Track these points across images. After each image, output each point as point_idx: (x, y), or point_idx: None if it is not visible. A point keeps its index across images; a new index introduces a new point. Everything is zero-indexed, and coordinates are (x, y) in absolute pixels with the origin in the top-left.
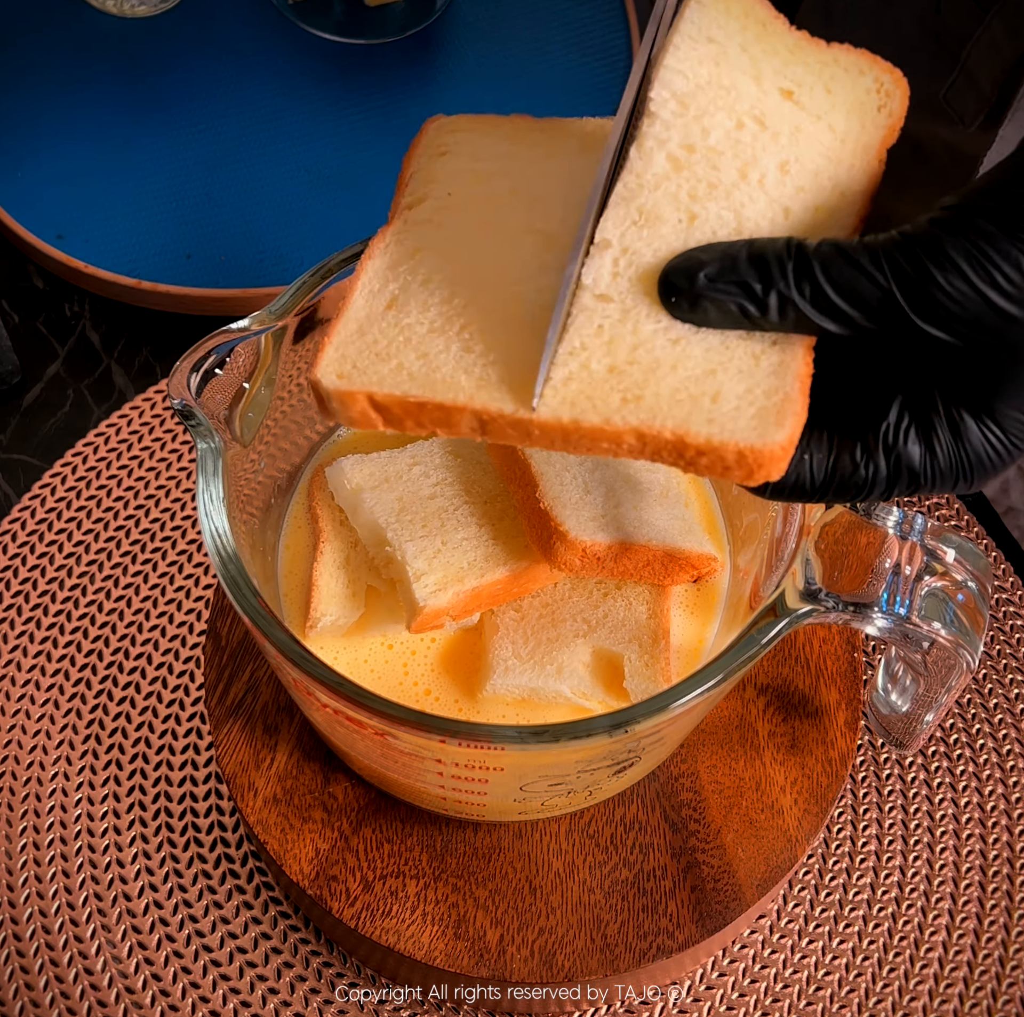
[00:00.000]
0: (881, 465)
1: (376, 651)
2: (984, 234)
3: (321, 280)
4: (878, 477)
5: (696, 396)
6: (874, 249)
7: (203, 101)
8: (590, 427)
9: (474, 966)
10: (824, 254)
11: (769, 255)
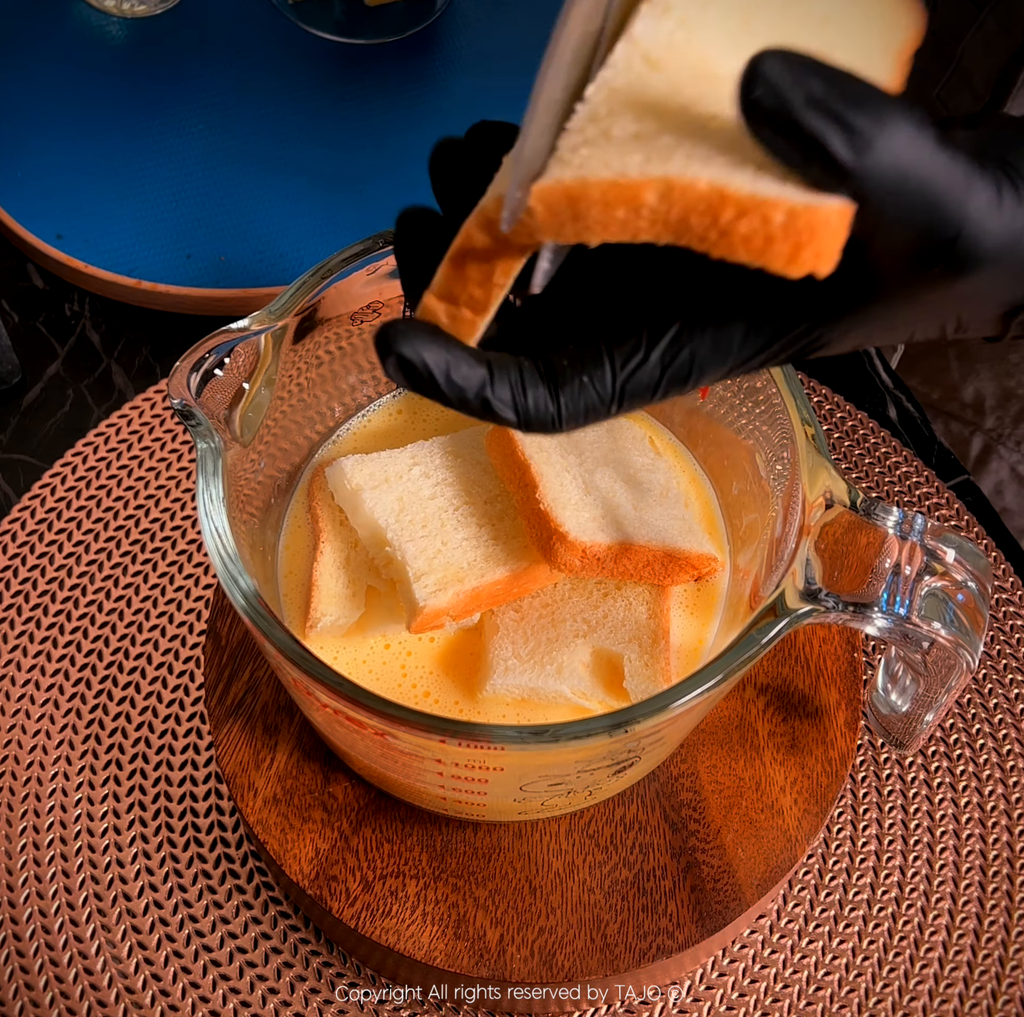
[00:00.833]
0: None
1: (375, 651)
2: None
3: (321, 280)
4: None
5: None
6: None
7: (203, 101)
8: (601, 184)
9: (474, 966)
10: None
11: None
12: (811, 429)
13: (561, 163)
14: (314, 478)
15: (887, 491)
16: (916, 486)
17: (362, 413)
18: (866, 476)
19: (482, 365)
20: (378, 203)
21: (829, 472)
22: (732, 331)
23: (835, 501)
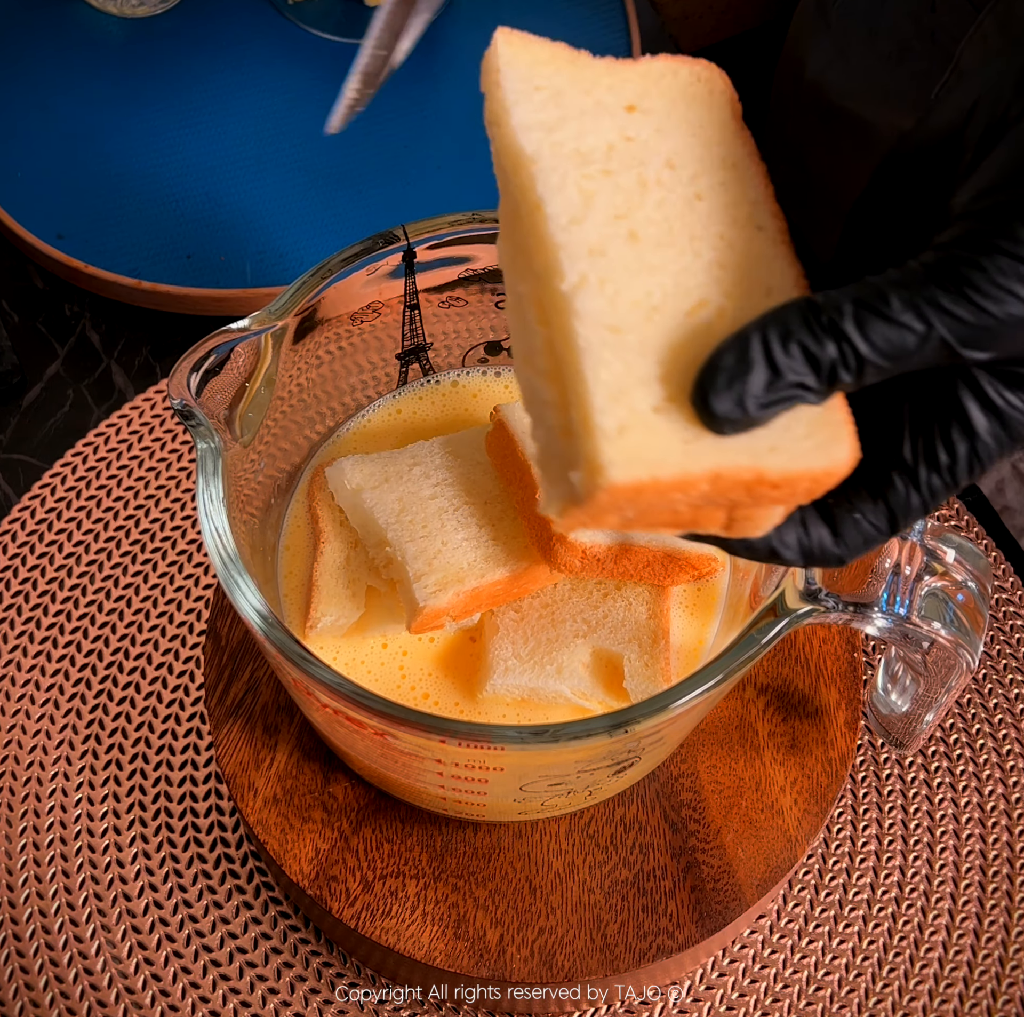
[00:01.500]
0: (935, 484)
1: (374, 652)
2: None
3: (321, 280)
4: (936, 495)
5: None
6: (907, 296)
7: (203, 101)
8: (667, 481)
9: (474, 966)
10: (859, 321)
11: (808, 343)
12: None
13: (610, 443)
14: (314, 478)
15: None
16: None
17: (362, 413)
18: None
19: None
20: (378, 203)
21: None
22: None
23: None
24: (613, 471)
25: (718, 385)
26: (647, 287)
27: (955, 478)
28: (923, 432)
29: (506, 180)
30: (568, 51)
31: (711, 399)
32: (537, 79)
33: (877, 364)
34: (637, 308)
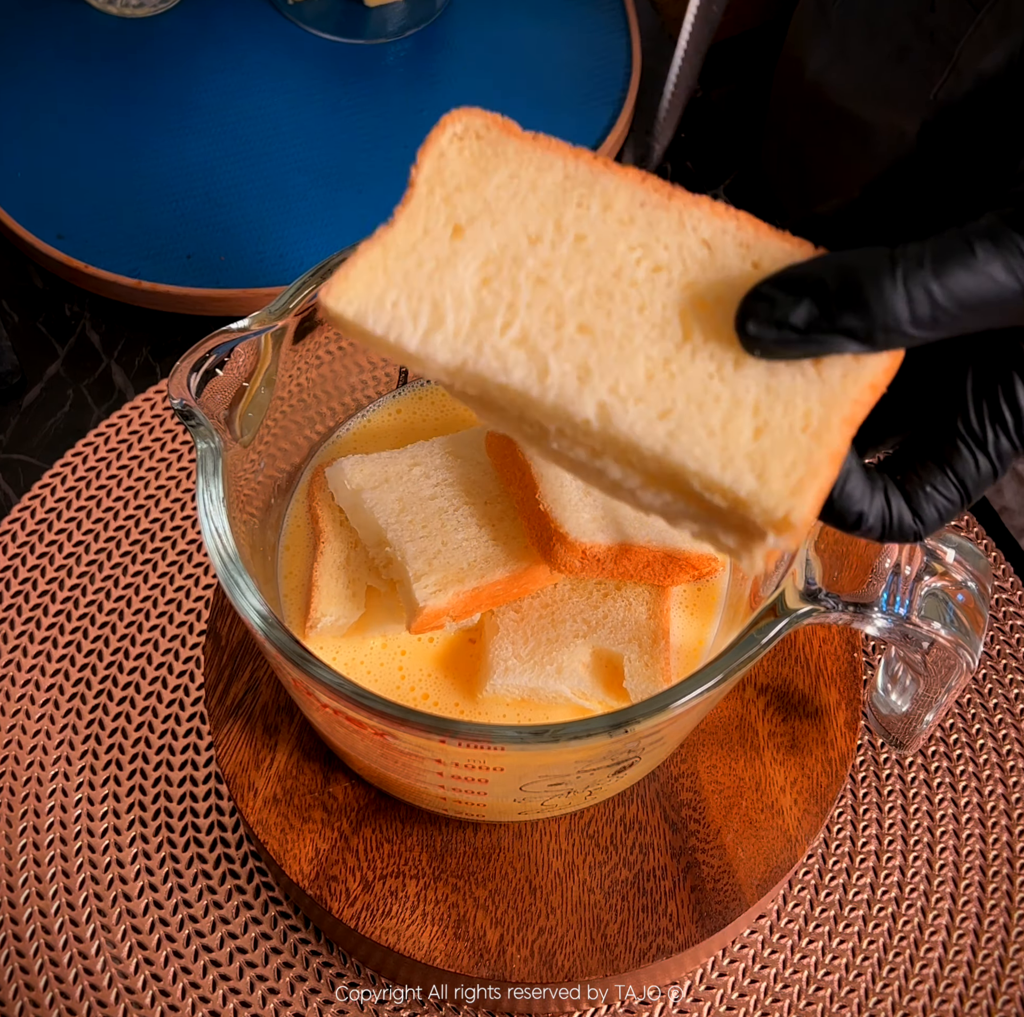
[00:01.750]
0: (1003, 447)
1: (374, 652)
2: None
3: (321, 280)
4: (1004, 459)
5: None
6: (996, 251)
7: (203, 101)
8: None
9: (474, 966)
10: (938, 268)
11: (869, 288)
12: None
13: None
14: (314, 478)
15: None
16: None
17: (362, 413)
18: None
19: (867, 480)
20: (378, 203)
21: None
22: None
23: None
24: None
25: (759, 310)
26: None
27: (1022, 437)
28: (987, 395)
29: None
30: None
31: (749, 322)
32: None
33: (954, 314)
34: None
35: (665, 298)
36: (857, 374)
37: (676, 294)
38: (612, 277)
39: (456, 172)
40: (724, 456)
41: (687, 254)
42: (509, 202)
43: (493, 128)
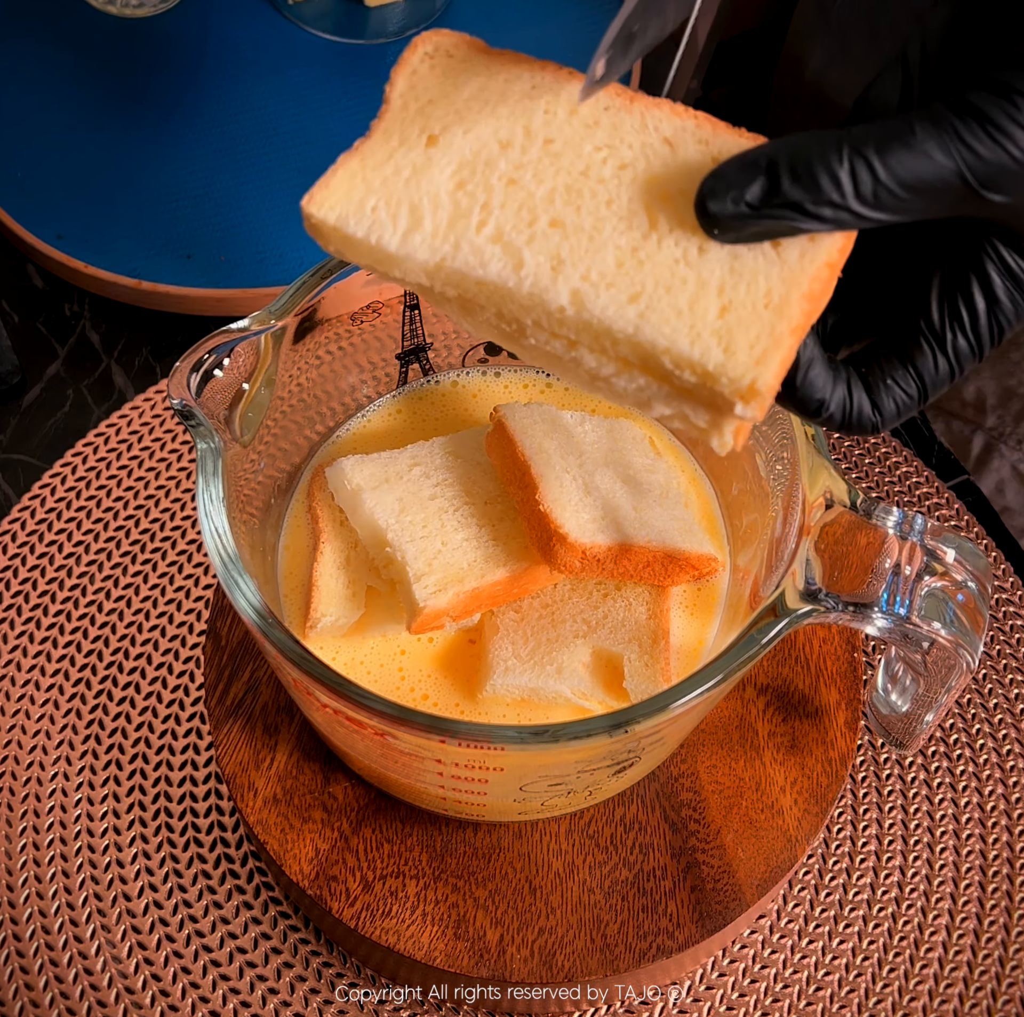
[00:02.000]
0: (959, 345)
1: (374, 652)
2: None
3: (321, 280)
4: (961, 358)
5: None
6: (934, 130)
7: (203, 101)
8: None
9: (474, 966)
10: (880, 146)
11: (817, 164)
12: (811, 429)
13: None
14: (314, 478)
15: (887, 491)
16: (916, 486)
17: (362, 413)
18: (866, 476)
19: (830, 369)
20: None
21: (829, 472)
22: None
23: (835, 501)
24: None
25: (716, 190)
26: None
27: (978, 339)
28: (947, 296)
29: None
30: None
31: (708, 202)
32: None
33: (895, 193)
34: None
35: (631, 192)
36: (814, 253)
37: (641, 188)
38: (580, 175)
39: (429, 87)
40: (692, 333)
41: (650, 151)
42: (480, 111)
43: (462, 46)
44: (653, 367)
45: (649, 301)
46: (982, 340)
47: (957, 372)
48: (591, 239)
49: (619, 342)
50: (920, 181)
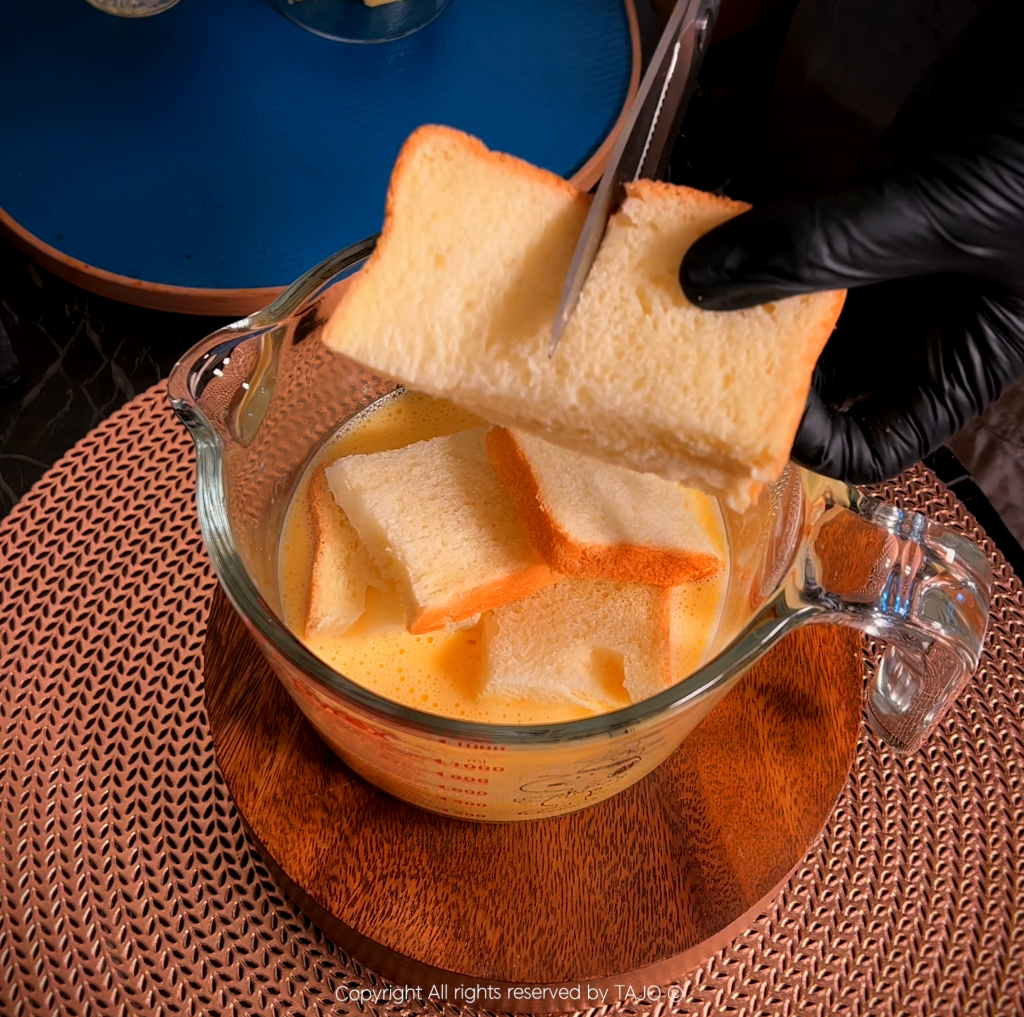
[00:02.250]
0: (957, 396)
1: (374, 652)
2: (1000, 146)
3: (321, 280)
4: (960, 408)
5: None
6: (902, 190)
7: (203, 101)
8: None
9: (474, 966)
10: (852, 208)
11: (792, 228)
12: None
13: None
14: (314, 478)
15: (887, 491)
16: (916, 486)
17: (362, 413)
18: None
19: (828, 418)
20: (378, 203)
21: None
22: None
23: (835, 501)
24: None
25: (698, 261)
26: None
27: (976, 391)
28: (944, 347)
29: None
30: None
31: (690, 272)
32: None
33: (870, 249)
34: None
35: (620, 282)
36: (809, 315)
37: (630, 276)
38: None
39: (431, 198)
40: (701, 406)
41: (634, 240)
42: (483, 228)
43: (460, 147)
44: (668, 441)
45: (654, 383)
46: (979, 391)
47: (957, 423)
48: (589, 335)
49: (633, 426)
50: (893, 237)
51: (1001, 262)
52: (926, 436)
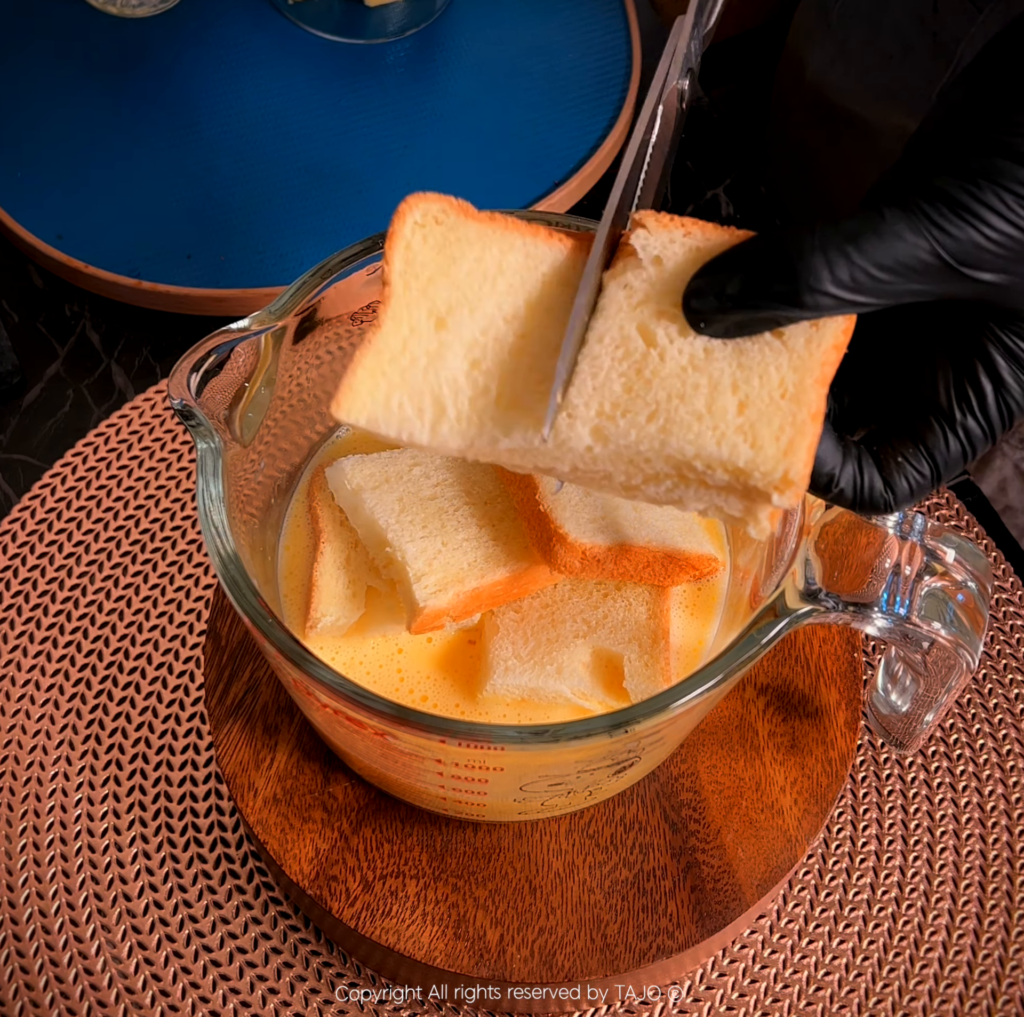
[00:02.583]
0: (970, 426)
1: (374, 652)
2: (1003, 170)
3: (321, 280)
4: (972, 439)
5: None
6: (903, 214)
7: (203, 101)
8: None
9: (474, 966)
10: (852, 233)
11: (792, 254)
12: None
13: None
14: (314, 478)
15: None
16: None
17: None
18: None
19: (840, 446)
20: (378, 203)
21: None
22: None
23: None
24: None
25: (700, 288)
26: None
27: (988, 421)
28: (955, 377)
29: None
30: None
31: (692, 300)
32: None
33: (872, 274)
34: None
35: (619, 322)
36: (820, 339)
37: (628, 315)
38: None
39: (426, 263)
40: (717, 434)
41: (635, 278)
42: (480, 287)
43: (450, 211)
44: (686, 472)
45: (667, 414)
46: (992, 421)
47: (970, 453)
48: (595, 376)
49: (650, 460)
50: (896, 262)
51: (1008, 287)
52: (939, 467)
